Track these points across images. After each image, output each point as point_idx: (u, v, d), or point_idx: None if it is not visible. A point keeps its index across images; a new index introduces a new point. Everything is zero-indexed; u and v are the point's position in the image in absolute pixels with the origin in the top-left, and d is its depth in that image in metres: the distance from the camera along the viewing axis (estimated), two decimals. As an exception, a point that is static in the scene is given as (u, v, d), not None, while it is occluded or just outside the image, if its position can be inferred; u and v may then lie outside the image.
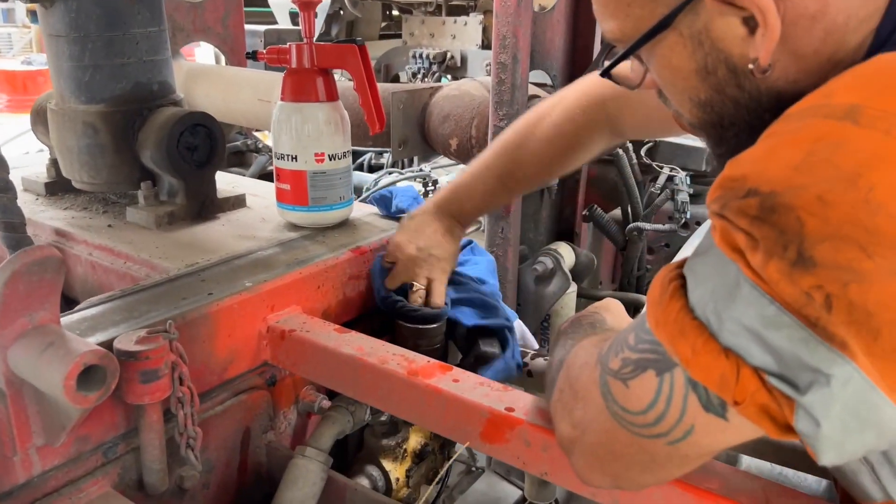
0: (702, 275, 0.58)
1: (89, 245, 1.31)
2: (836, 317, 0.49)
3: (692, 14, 0.62)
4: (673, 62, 0.66)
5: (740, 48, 0.62)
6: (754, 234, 0.52)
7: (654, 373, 0.61)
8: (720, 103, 0.66)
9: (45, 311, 0.80)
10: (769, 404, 0.54)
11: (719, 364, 0.56)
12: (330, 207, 1.33)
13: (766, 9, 0.58)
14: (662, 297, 0.61)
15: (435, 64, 3.08)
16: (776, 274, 0.51)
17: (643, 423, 0.63)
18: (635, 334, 0.65)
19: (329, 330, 1.09)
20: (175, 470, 0.99)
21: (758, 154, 0.54)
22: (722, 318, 0.55)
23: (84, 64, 1.34)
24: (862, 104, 0.50)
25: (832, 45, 0.60)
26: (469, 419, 0.92)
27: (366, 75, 1.28)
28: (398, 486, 1.24)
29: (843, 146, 0.49)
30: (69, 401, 0.74)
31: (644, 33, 0.65)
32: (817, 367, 0.51)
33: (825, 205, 0.49)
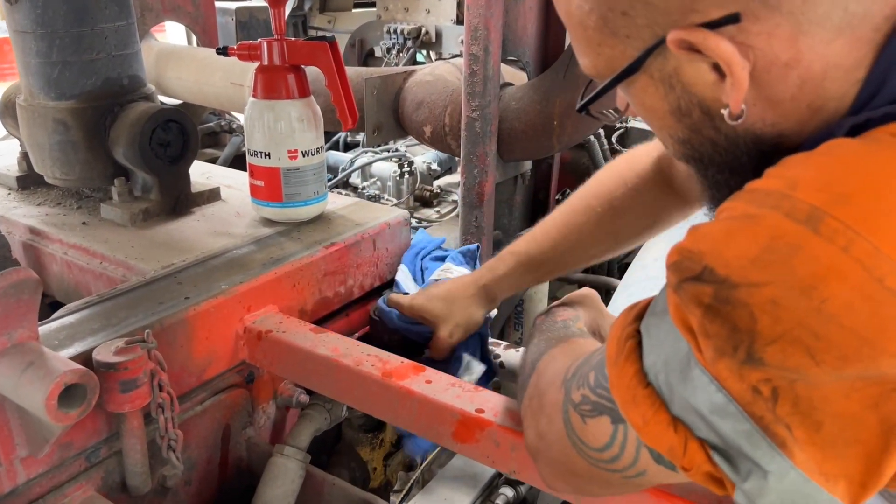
0: (656, 340, 0.59)
1: (64, 244, 1.31)
2: (782, 409, 0.51)
3: (661, 58, 0.60)
4: (647, 102, 0.65)
5: (712, 92, 0.60)
6: (707, 328, 0.53)
7: (609, 419, 0.63)
8: (698, 143, 0.66)
9: (24, 328, 0.82)
10: (714, 473, 0.57)
11: (668, 436, 0.58)
12: (304, 203, 1.34)
13: (731, 60, 0.56)
14: (619, 358, 0.62)
15: (409, 39, 3.05)
16: (725, 371, 0.53)
17: (600, 459, 0.66)
18: (595, 376, 0.66)
19: (305, 330, 1.12)
20: (157, 470, 1.02)
21: (717, 233, 0.54)
22: (673, 391, 0.57)
23: (52, 60, 1.33)
24: (823, 210, 0.50)
25: (810, 92, 0.58)
26: (441, 420, 0.95)
27: (337, 72, 1.28)
28: (375, 475, 1.29)
29: (801, 252, 0.50)
30: (51, 420, 0.77)
31: (615, 75, 0.64)
32: (757, 462, 0.54)
33: (778, 307, 0.50)
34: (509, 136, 1.65)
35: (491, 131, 1.58)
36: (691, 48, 0.57)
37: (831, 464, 0.52)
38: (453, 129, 1.71)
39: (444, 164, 2.55)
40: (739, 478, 0.55)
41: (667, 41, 0.58)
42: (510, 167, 1.86)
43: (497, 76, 1.53)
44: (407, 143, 2.64)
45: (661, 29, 0.58)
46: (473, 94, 1.52)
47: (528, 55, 1.77)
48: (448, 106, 1.73)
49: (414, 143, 2.63)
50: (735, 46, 0.56)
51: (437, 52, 3.19)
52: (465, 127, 1.57)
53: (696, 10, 0.56)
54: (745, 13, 0.55)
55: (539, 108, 1.59)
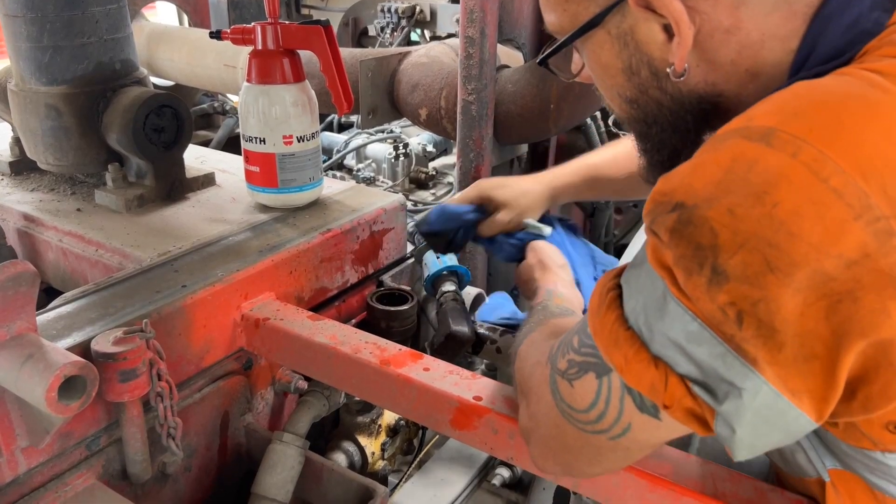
0: (635, 287, 0.63)
1: (59, 231, 1.31)
2: (747, 331, 0.55)
3: (620, 15, 0.68)
4: (602, 59, 0.72)
5: (661, 52, 0.68)
6: (674, 251, 0.57)
7: (594, 375, 0.67)
8: (644, 102, 0.72)
9: (22, 320, 0.82)
10: (694, 408, 0.61)
11: (649, 373, 0.61)
12: (300, 189, 1.34)
13: (680, 19, 0.64)
14: (601, 308, 0.66)
15: (404, 18, 3.02)
16: (696, 291, 0.56)
17: (586, 420, 0.69)
18: (579, 338, 0.70)
19: (302, 317, 1.12)
20: (157, 457, 1.02)
21: (685, 170, 0.59)
22: (652, 329, 0.61)
23: (43, 45, 1.31)
24: (776, 128, 0.55)
25: (749, 58, 0.66)
26: (439, 407, 0.96)
27: (332, 57, 1.27)
28: (373, 460, 1.30)
29: (756, 164, 0.54)
30: (52, 411, 0.77)
31: (577, 28, 0.70)
32: (732, 381, 0.57)
33: (735, 217, 0.54)
34: (506, 120, 1.65)
35: (487, 115, 1.57)
36: (648, 6, 0.65)
37: (795, 380, 0.55)
38: (449, 111, 1.70)
39: (440, 146, 2.54)
40: (717, 402, 0.59)
41: (628, 3, 0.66)
42: (506, 150, 1.86)
43: (493, 59, 1.52)
44: (401, 124, 2.62)
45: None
46: (469, 77, 1.51)
47: (524, 36, 1.76)
48: (444, 88, 1.72)
49: (409, 125, 2.61)
50: (685, 8, 0.64)
51: (432, 30, 3.16)
52: (461, 110, 1.56)
53: None
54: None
55: (536, 91, 1.58)
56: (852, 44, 0.62)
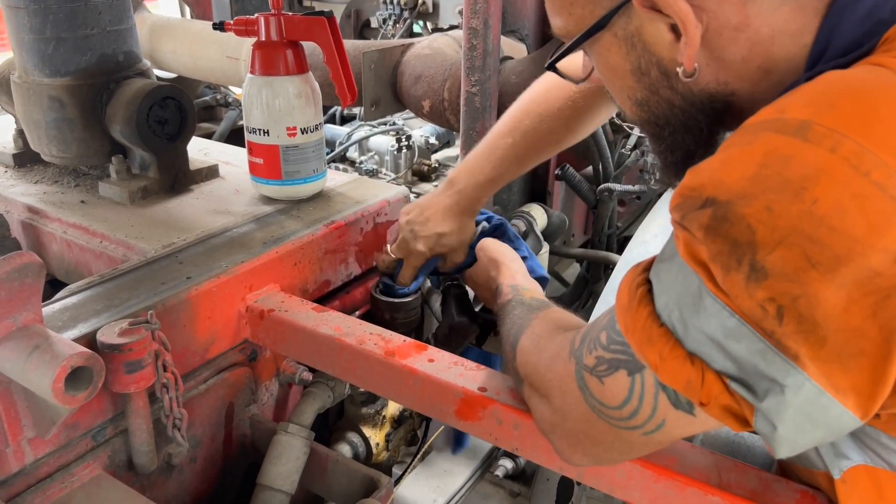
0: (667, 282, 0.62)
1: (63, 223, 1.31)
2: (787, 327, 0.54)
3: (626, 17, 0.67)
4: (610, 61, 0.71)
5: (669, 52, 0.67)
6: (710, 247, 0.56)
7: (625, 372, 0.66)
8: (655, 103, 0.71)
9: (28, 311, 0.82)
10: (732, 405, 0.60)
11: (685, 370, 0.60)
12: (304, 181, 1.34)
13: (686, 19, 0.63)
14: (631, 303, 0.65)
15: (406, 10, 3.00)
16: (734, 288, 0.55)
17: (619, 417, 0.68)
18: (607, 334, 0.68)
19: (307, 309, 1.12)
20: (163, 448, 1.03)
21: (715, 164, 0.58)
22: (687, 326, 0.60)
23: (46, 36, 1.31)
24: (811, 120, 0.53)
25: (760, 54, 0.64)
26: (444, 398, 0.96)
27: (336, 48, 1.27)
28: (378, 451, 1.30)
29: (792, 160, 0.53)
30: (58, 402, 0.77)
31: (583, 32, 0.69)
32: (773, 377, 0.56)
33: (773, 214, 0.53)
34: (509, 111, 1.64)
35: (491, 106, 1.57)
36: (653, 7, 0.64)
37: (839, 377, 0.54)
38: (452, 103, 1.70)
39: (442, 138, 2.53)
40: (757, 399, 0.57)
41: (633, 5, 0.64)
42: (509, 142, 1.85)
43: (497, 51, 1.52)
44: (404, 116, 2.61)
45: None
46: (473, 68, 1.51)
47: (527, 28, 1.75)
48: (447, 80, 1.72)
49: (411, 117, 2.60)
50: (691, 7, 0.62)
51: (435, 22, 3.15)
52: (464, 102, 1.56)
53: None
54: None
55: (539, 82, 1.58)
56: (870, 34, 0.60)
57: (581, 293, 2.21)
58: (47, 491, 0.91)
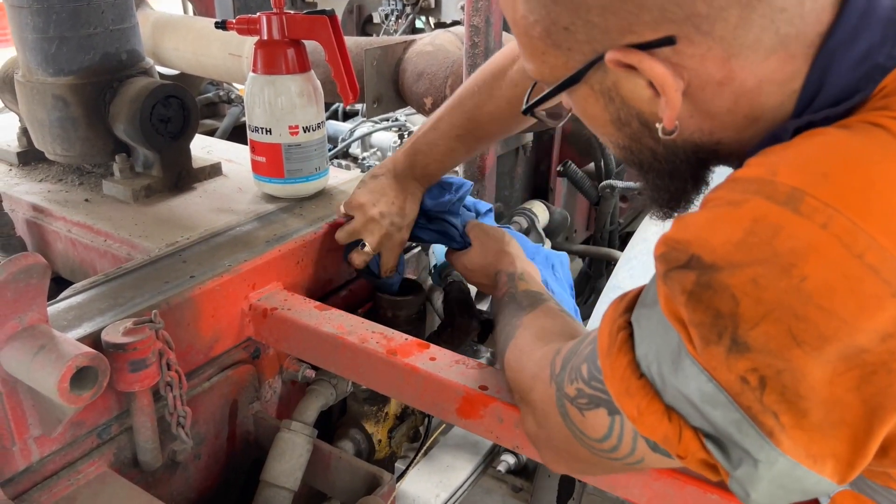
0: (647, 330, 0.61)
1: (68, 222, 1.32)
2: (769, 397, 0.53)
3: (601, 72, 0.62)
4: (588, 111, 0.67)
5: (650, 107, 0.63)
6: (692, 315, 0.55)
7: (605, 411, 0.65)
8: (638, 150, 0.68)
9: (34, 311, 0.83)
10: (708, 460, 0.60)
11: (662, 425, 0.60)
12: (306, 179, 1.34)
13: (664, 82, 0.59)
14: (611, 349, 0.64)
15: (408, 5, 3.01)
16: (713, 361, 0.54)
17: (599, 448, 0.68)
18: (588, 369, 0.67)
19: (310, 307, 1.13)
20: (167, 445, 1.04)
21: (701, 221, 0.56)
22: (665, 382, 0.59)
23: (49, 35, 1.31)
24: (804, 191, 0.51)
25: (745, 105, 0.61)
26: (445, 396, 0.97)
27: (337, 47, 1.27)
28: (380, 447, 1.31)
29: (781, 232, 0.51)
30: (64, 402, 0.78)
31: (557, 84, 0.65)
32: (747, 450, 0.56)
33: (758, 287, 0.51)
34: (511, 108, 1.64)
35: (492, 103, 1.57)
36: (628, 66, 0.60)
37: (818, 445, 0.54)
38: (454, 100, 1.70)
39: (445, 134, 2.54)
40: (731, 466, 0.57)
41: (605, 59, 0.60)
42: (511, 139, 1.86)
43: (499, 48, 1.52)
44: (406, 112, 2.61)
45: (601, 46, 0.60)
46: (475, 66, 1.51)
47: (529, 25, 1.76)
48: (449, 77, 1.72)
49: (413, 113, 2.61)
50: (669, 67, 0.58)
51: (437, 17, 3.15)
52: (466, 99, 1.56)
53: (632, 31, 0.58)
54: (679, 37, 0.57)
55: (540, 79, 1.58)
56: (866, 80, 0.57)
57: (583, 289, 2.22)
58: (53, 488, 0.92)
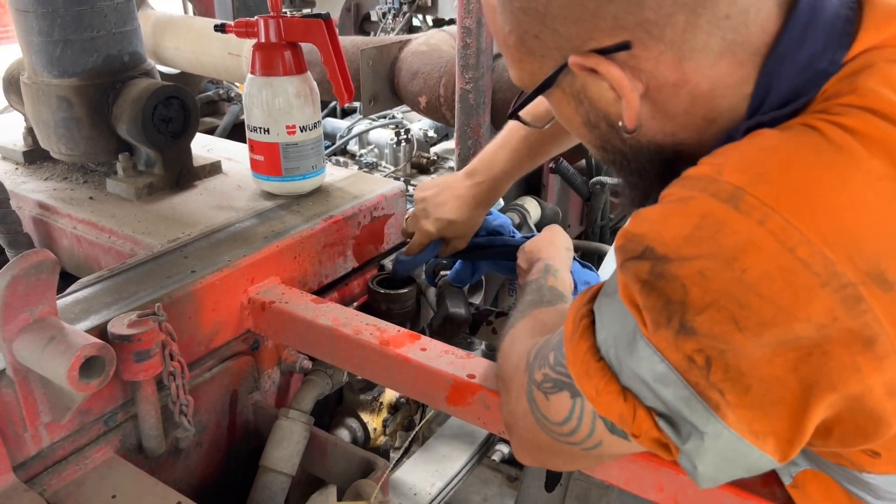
0: (608, 317, 0.66)
1: (73, 219, 1.36)
2: (714, 375, 0.58)
3: (571, 76, 0.68)
4: (563, 114, 0.74)
5: (615, 108, 0.68)
6: (645, 300, 0.60)
7: (568, 394, 0.70)
8: (610, 150, 0.73)
9: (44, 305, 0.88)
10: (661, 438, 0.64)
11: (618, 404, 0.65)
12: (303, 177, 1.39)
13: (620, 84, 0.64)
14: (574, 335, 0.69)
15: (405, 4, 3.05)
16: (663, 342, 0.59)
17: (560, 433, 0.72)
18: (554, 355, 0.72)
19: (306, 300, 1.18)
20: (171, 433, 1.09)
21: (655, 215, 0.61)
22: (622, 363, 0.64)
23: (54, 38, 1.36)
24: (744, 190, 0.56)
25: (703, 106, 0.65)
26: (435, 385, 1.01)
27: (332, 49, 1.31)
28: (375, 436, 1.36)
29: (724, 227, 0.56)
30: (73, 389, 0.83)
31: (534, 89, 0.71)
32: (695, 424, 0.61)
33: (705, 279, 0.56)
34: (503, 107, 1.69)
35: (484, 102, 1.61)
36: (590, 70, 0.65)
37: (760, 423, 0.58)
38: (448, 99, 1.74)
39: (441, 132, 2.58)
40: (681, 440, 0.62)
41: (568, 64, 0.66)
42: (505, 136, 1.90)
43: (490, 48, 1.56)
44: (403, 110, 2.65)
45: (567, 52, 0.66)
46: (467, 66, 1.55)
47: (521, 25, 1.80)
48: (443, 77, 1.76)
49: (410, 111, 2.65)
50: (627, 70, 0.64)
51: (434, 15, 3.19)
52: (458, 98, 1.61)
53: (592, 38, 0.64)
54: (634, 42, 0.62)
55: (531, 79, 1.63)
56: (809, 85, 0.61)
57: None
58: (63, 472, 0.97)
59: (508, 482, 1.91)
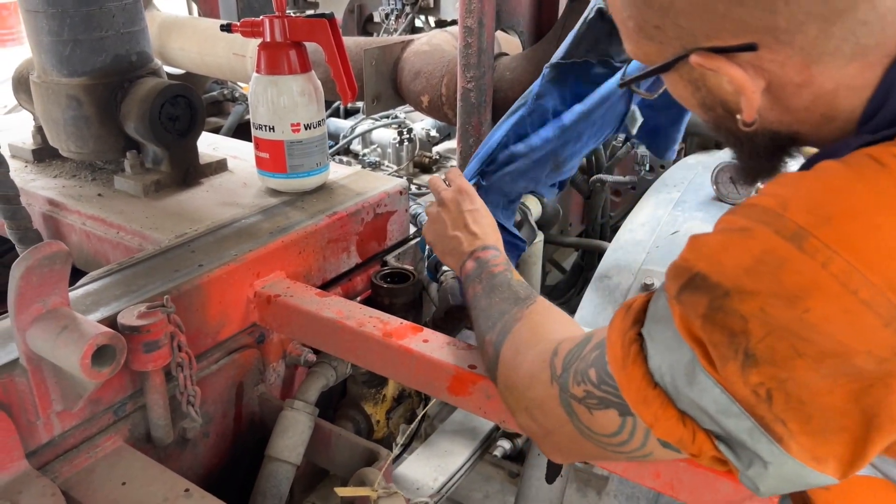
0: (661, 344, 0.65)
1: (82, 215, 1.39)
2: (777, 406, 0.58)
3: (688, 65, 0.67)
4: (678, 93, 0.74)
5: (733, 98, 0.68)
6: (710, 336, 0.60)
7: (616, 412, 0.69)
8: (723, 132, 0.74)
9: (56, 295, 0.90)
10: (720, 457, 0.65)
11: (678, 430, 0.65)
12: (307, 174, 1.41)
13: (742, 84, 0.64)
14: (626, 361, 0.68)
15: (408, 5, 3.07)
16: (732, 376, 0.59)
17: (608, 443, 0.72)
18: (597, 374, 0.71)
19: (311, 294, 1.20)
20: (178, 423, 1.11)
21: (714, 244, 0.61)
22: (679, 392, 0.64)
23: (64, 38, 1.39)
24: (808, 231, 0.57)
25: (823, 105, 0.65)
26: (437, 375, 1.04)
27: (336, 48, 1.34)
28: (379, 427, 1.38)
29: (786, 265, 0.57)
30: (86, 377, 0.85)
31: (649, 69, 0.72)
32: (758, 454, 0.61)
33: (766, 315, 0.57)
34: (504, 106, 1.70)
35: (485, 101, 1.63)
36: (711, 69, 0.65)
37: (822, 448, 0.59)
38: (450, 98, 1.76)
39: (443, 131, 2.60)
40: (742, 465, 0.63)
41: (689, 60, 0.65)
42: (506, 135, 1.92)
43: (491, 48, 1.58)
44: (406, 109, 2.67)
45: (689, 44, 0.66)
46: (468, 65, 1.57)
47: (522, 25, 1.82)
48: (445, 76, 1.78)
49: (413, 110, 2.67)
50: (749, 69, 0.63)
51: (437, 16, 3.21)
52: (460, 97, 1.63)
53: (717, 36, 0.64)
54: (761, 45, 0.62)
55: (532, 77, 1.64)
56: None
57: (576, 280, 2.28)
58: (74, 460, 1.00)
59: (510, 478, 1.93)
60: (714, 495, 0.85)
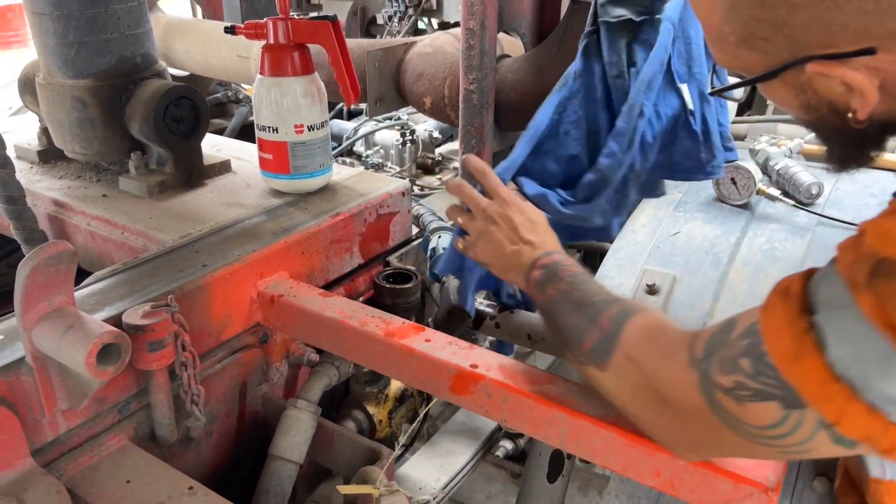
0: (844, 332, 0.62)
1: (87, 216, 1.40)
2: None
3: (796, 72, 0.67)
4: (778, 97, 0.73)
5: (842, 98, 0.68)
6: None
7: (778, 405, 0.67)
8: (824, 129, 0.74)
9: (62, 294, 0.91)
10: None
11: (866, 425, 0.63)
12: (311, 175, 1.42)
13: (864, 89, 0.64)
14: (799, 354, 0.65)
15: (411, 7, 3.08)
16: None
17: (761, 434, 0.70)
18: (752, 364, 0.68)
19: (314, 294, 1.21)
20: (182, 422, 1.12)
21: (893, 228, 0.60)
22: (869, 384, 0.61)
23: (69, 41, 1.40)
24: None
25: None
26: (439, 375, 1.04)
27: (339, 50, 1.35)
28: (381, 427, 1.39)
29: None
30: (91, 375, 0.86)
31: (748, 78, 0.71)
32: None
33: None
34: (506, 108, 1.72)
35: (488, 103, 1.64)
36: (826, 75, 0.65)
37: None
38: (452, 100, 1.77)
39: (446, 132, 2.61)
40: None
41: (805, 69, 0.66)
42: (507, 137, 1.93)
43: (493, 50, 1.59)
44: (408, 111, 2.69)
45: (799, 52, 0.66)
46: (470, 67, 1.58)
47: (524, 27, 1.83)
48: (447, 78, 1.79)
49: (415, 112, 2.68)
50: (864, 70, 0.64)
51: (439, 18, 3.22)
52: (462, 99, 1.64)
53: (833, 44, 0.64)
54: (879, 48, 0.63)
55: (534, 80, 1.65)
56: None
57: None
58: (79, 458, 1.01)
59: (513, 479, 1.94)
60: (714, 494, 0.86)
